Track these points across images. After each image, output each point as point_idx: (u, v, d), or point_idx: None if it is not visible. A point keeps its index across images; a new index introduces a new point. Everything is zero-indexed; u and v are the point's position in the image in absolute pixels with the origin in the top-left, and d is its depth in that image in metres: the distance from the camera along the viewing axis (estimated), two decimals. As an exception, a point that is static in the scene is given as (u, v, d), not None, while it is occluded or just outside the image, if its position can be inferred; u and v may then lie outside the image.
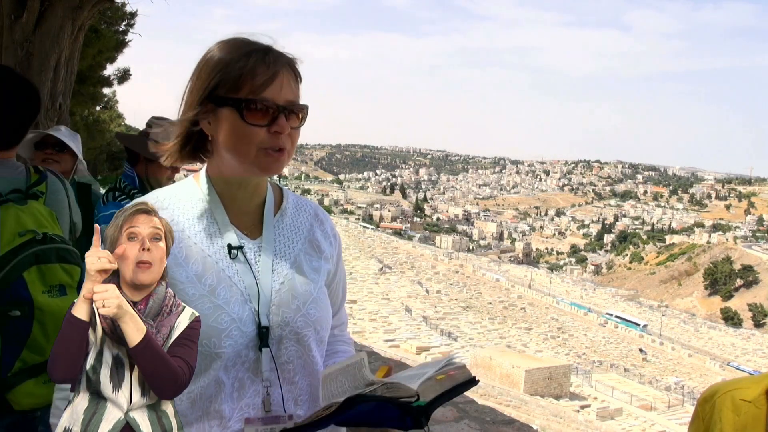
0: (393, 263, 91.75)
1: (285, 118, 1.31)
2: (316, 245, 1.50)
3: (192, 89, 1.34)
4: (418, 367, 1.29)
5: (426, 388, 1.13)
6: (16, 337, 1.85)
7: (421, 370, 1.23)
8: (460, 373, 1.23)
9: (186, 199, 1.41)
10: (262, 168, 1.33)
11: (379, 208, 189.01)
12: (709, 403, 1.32)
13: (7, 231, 1.83)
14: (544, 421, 26.56)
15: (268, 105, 1.29)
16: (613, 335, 72.73)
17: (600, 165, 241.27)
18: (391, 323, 57.43)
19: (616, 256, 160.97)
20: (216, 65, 1.31)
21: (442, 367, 1.21)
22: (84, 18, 5.30)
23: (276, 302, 1.37)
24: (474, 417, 3.43)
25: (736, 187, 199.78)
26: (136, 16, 11.12)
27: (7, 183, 1.94)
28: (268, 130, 1.30)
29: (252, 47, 1.32)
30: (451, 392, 1.19)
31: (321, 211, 1.58)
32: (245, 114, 1.29)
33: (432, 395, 1.13)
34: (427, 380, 1.15)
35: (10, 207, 1.89)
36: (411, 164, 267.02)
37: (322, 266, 1.49)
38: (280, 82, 1.31)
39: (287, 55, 1.35)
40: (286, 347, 1.37)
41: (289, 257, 1.44)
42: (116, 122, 21.10)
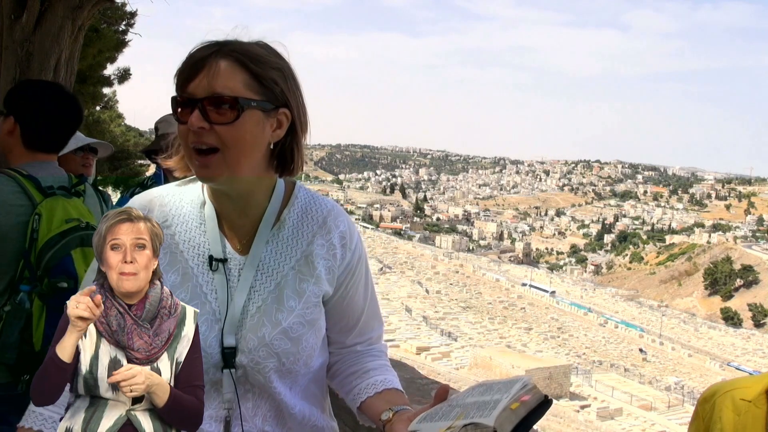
0: (393, 263, 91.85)
1: (202, 111, 1.20)
2: (311, 262, 1.37)
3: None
4: (480, 389, 1.20)
5: (503, 420, 1.06)
6: (60, 309, 1.96)
7: (490, 395, 1.14)
8: (533, 396, 1.13)
9: (187, 202, 1.35)
10: (196, 172, 1.25)
11: (379, 208, 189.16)
12: (709, 402, 1.31)
13: (57, 217, 2.11)
14: (544, 421, 26.64)
15: (187, 99, 1.21)
16: (613, 335, 72.78)
17: (600, 165, 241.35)
18: (391, 323, 57.53)
19: (616, 256, 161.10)
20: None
21: (515, 394, 1.12)
22: (84, 18, 5.31)
23: (248, 326, 1.31)
24: (474, 417, 3.44)
25: (736, 187, 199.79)
26: (136, 15, 11.14)
27: (54, 180, 2.21)
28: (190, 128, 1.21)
29: (200, 45, 1.24)
30: (528, 420, 1.10)
31: (333, 217, 1.42)
32: (175, 111, 1.22)
33: (509, 427, 1.06)
34: (502, 411, 1.07)
35: (59, 198, 2.16)
36: (411, 164, 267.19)
37: (309, 288, 1.36)
38: (206, 73, 1.20)
39: (233, 43, 1.23)
40: (247, 371, 1.31)
41: (275, 277, 1.34)
42: (116, 122, 21.10)
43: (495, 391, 1.15)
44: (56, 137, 2.28)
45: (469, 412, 1.11)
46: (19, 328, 2.01)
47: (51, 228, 2.08)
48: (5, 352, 2.00)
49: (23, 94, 2.27)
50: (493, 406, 1.09)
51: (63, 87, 2.47)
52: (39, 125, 2.21)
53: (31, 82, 2.57)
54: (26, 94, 2.26)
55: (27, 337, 2.01)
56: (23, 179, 2.12)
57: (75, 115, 2.31)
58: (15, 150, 2.22)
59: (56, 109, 2.25)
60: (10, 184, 2.10)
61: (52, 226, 2.08)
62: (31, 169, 2.17)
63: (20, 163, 2.20)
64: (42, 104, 2.23)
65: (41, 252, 2.06)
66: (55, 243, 2.07)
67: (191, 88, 1.21)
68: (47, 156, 2.27)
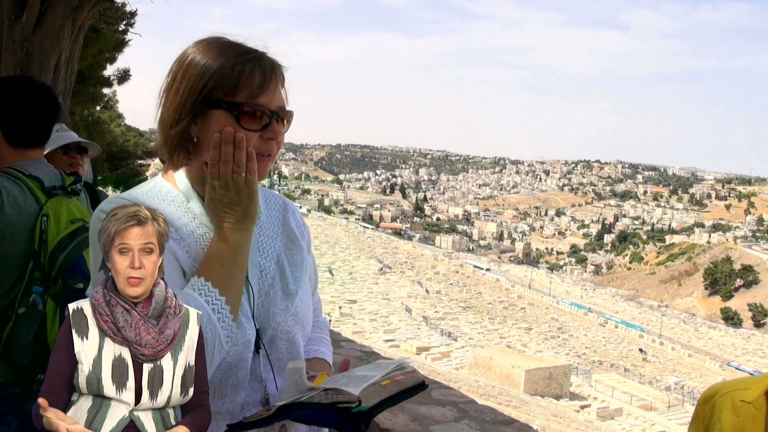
0: (393, 263, 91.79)
1: (278, 122, 1.33)
2: (293, 237, 1.51)
3: (180, 91, 1.30)
4: (371, 365, 1.28)
5: (369, 393, 1.13)
6: None
7: (372, 371, 1.22)
8: (409, 377, 1.20)
9: (169, 201, 1.37)
10: (260, 174, 1.33)
11: (379, 208, 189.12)
12: (709, 403, 1.31)
13: (63, 218, 2.11)
14: (544, 421, 26.59)
15: (263, 111, 1.30)
16: (613, 335, 72.73)
17: (600, 165, 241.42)
18: (391, 323, 57.49)
19: (616, 256, 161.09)
20: (209, 67, 1.29)
21: (388, 372, 1.20)
22: (84, 18, 5.31)
23: (266, 303, 1.39)
24: (474, 417, 3.43)
25: (736, 187, 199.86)
26: (135, 15, 11.14)
27: (49, 180, 2.20)
28: (261, 136, 1.31)
29: (247, 52, 1.32)
30: (397, 397, 1.18)
31: (289, 202, 1.59)
32: (241, 118, 1.29)
33: (375, 400, 1.13)
34: (371, 385, 1.14)
35: (62, 198, 2.16)
36: (411, 164, 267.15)
37: (304, 259, 1.51)
38: (273, 89, 1.32)
39: (278, 62, 1.36)
40: (277, 346, 1.39)
41: (272, 256, 1.45)
42: (116, 122, 21.11)
43: (379, 368, 1.22)
44: (36, 130, 2.27)
45: (350, 382, 1.18)
46: (33, 329, 2.03)
47: (60, 229, 2.10)
48: (19, 353, 2.03)
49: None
50: (366, 380, 1.16)
51: (33, 78, 2.47)
52: (16, 120, 2.21)
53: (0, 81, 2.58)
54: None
55: (42, 338, 2.04)
56: (28, 179, 2.13)
57: (50, 105, 2.30)
58: (2, 150, 2.22)
59: (30, 101, 2.24)
60: (18, 185, 2.10)
61: (60, 227, 2.10)
62: (28, 169, 2.18)
63: (11, 162, 2.20)
64: (14, 99, 2.22)
65: (53, 253, 2.07)
66: (66, 244, 2.09)
67: (263, 100, 1.30)
68: (34, 152, 2.26)
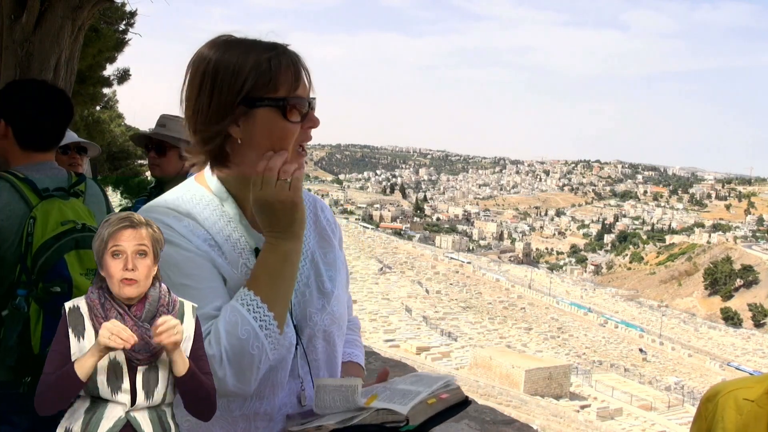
0: (393, 263, 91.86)
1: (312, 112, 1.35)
2: (325, 235, 1.52)
3: (213, 94, 1.28)
4: (412, 378, 1.31)
5: (417, 411, 1.16)
6: (56, 312, 1.98)
7: (415, 387, 1.24)
8: (453, 395, 1.24)
9: (204, 205, 1.37)
10: (298, 168, 1.33)
11: (379, 208, 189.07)
12: (712, 402, 1.31)
13: (52, 220, 2.11)
14: (544, 421, 26.58)
15: (302, 102, 1.32)
16: (613, 335, 72.76)
17: (600, 165, 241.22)
18: (391, 323, 57.55)
19: (616, 256, 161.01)
20: (241, 66, 1.28)
21: (435, 390, 1.23)
22: (84, 18, 5.30)
23: (303, 302, 1.40)
24: (474, 417, 3.43)
25: (736, 187, 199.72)
26: (135, 15, 11.13)
27: (52, 181, 2.22)
28: (302, 126, 1.33)
29: (273, 46, 1.32)
30: (443, 414, 1.21)
31: (319, 200, 1.58)
32: (287, 113, 1.30)
33: (422, 419, 1.16)
34: (418, 404, 1.17)
35: (55, 200, 2.16)
36: (411, 164, 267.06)
37: (338, 257, 1.51)
38: (303, 77, 1.33)
39: (297, 52, 1.37)
40: (315, 345, 1.41)
41: (306, 254, 1.44)
42: (116, 122, 21.11)
43: (422, 383, 1.26)
44: (49, 134, 2.29)
45: (394, 396, 1.20)
46: (17, 331, 2.04)
47: (46, 231, 2.09)
48: (6, 356, 2.04)
49: (9, 95, 2.29)
50: (412, 397, 1.19)
51: (47, 83, 2.51)
52: (29, 124, 2.23)
53: (16, 83, 2.60)
54: (12, 95, 2.28)
55: (26, 340, 2.04)
56: (19, 182, 2.14)
57: (64, 110, 2.32)
58: (11, 152, 2.25)
59: (44, 105, 2.27)
60: (6, 188, 2.11)
61: (47, 229, 2.09)
62: (28, 171, 2.19)
63: (17, 164, 2.22)
64: (30, 103, 2.25)
65: (36, 256, 2.07)
66: (49, 246, 2.08)
67: (300, 91, 1.32)
68: (44, 155, 2.28)
